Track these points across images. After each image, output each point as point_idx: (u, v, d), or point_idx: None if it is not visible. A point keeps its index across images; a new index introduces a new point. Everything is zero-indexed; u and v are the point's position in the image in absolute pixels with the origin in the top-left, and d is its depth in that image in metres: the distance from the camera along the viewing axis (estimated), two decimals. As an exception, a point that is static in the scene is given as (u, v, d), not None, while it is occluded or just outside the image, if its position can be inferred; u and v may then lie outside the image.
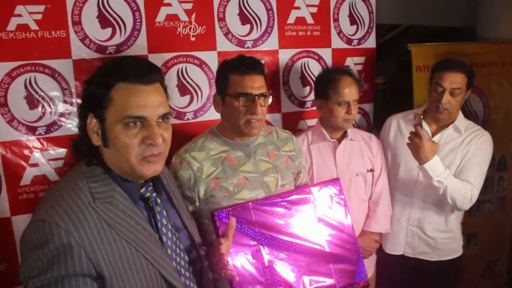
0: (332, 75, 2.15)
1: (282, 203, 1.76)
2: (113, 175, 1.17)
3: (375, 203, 2.25)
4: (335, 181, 1.95)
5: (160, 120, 1.15)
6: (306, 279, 1.70)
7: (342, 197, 1.92)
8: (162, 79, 1.22)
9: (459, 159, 2.21)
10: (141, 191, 1.23)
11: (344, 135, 2.20)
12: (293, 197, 1.80)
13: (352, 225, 1.91)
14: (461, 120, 2.26)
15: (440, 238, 2.31)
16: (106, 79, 1.12)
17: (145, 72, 1.14)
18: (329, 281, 1.75)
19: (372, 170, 2.22)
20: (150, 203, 1.24)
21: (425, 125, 2.25)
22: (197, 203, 1.76)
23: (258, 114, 1.69)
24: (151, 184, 1.27)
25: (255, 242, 1.66)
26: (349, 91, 2.08)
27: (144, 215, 1.21)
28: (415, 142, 2.00)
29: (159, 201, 1.27)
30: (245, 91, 1.69)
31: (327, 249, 1.78)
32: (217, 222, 1.61)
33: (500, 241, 3.43)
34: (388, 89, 5.61)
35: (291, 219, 1.76)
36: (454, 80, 2.11)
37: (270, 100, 1.79)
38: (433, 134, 2.26)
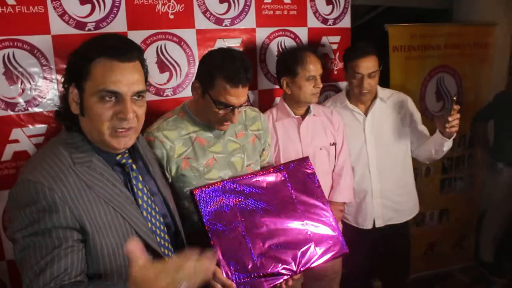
0: (297, 53, 2.23)
1: (257, 182, 1.82)
2: (91, 143, 1.25)
3: (338, 175, 2.37)
4: (305, 159, 2.01)
5: (135, 97, 1.21)
6: (286, 251, 1.75)
7: (312, 170, 1.99)
8: (141, 58, 1.28)
9: (401, 125, 2.45)
10: (117, 158, 1.31)
11: (307, 111, 2.29)
12: (268, 175, 1.86)
13: (325, 197, 1.98)
14: (381, 91, 2.47)
15: (402, 200, 2.51)
16: (88, 53, 1.19)
17: (124, 50, 1.20)
18: (310, 250, 1.79)
19: (334, 144, 2.33)
20: (126, 169, 1.32)
21: (354, 108, 2.45)
22: (170, 180, 1.81)
23: (234, 121, 1.73)
24: (127, 151, 1.34)
25: (235, 220, 1.71)
26: (315, 66, 2.18)
27: (121, 179, 1.30)
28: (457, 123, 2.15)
29: (134, 167, 1.35)
30: (229, 103, 1.67)
31: (304, 223, 1.83)
32: (198, 201, 1.66)
33: (470, 216, 3.58)
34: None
35: (267, 197, 1.80)
36: (369, 65, 2.30)
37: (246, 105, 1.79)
38: (365, 113, 2.45)
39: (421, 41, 3.10)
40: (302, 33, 2.67)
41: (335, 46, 2.79)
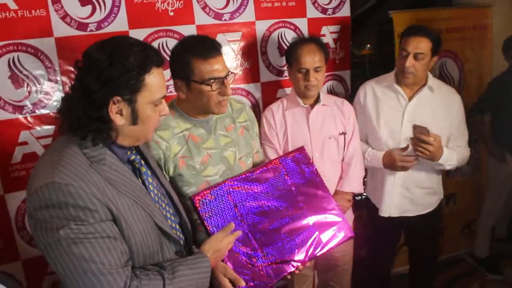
0: (294, 44, 2.24)
1: (256, 179, 1.81)
2: (103, 141, 1.27)
3: (347, 164, 2.34)
4: (299, 149, 2.00)
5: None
6: (291, 242, 1.76)
7: (310, 160, 1.98)
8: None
9: (442, 121, 2.33)
10: (128, 153, 1.37)
11: (317, 100, 2.28)
12: (264, 171, 1.85)
13: (325, 184, 1.96)
14: (432, 80, 2.37)
15: (422, 193, 2.45)
16: (140, 66, 1.21)
17: (161, 59, 1.29)
18: (315, 238, 1.80)
19: (344, 133, 2.30)
20: (136, 165, 1.38)
21: (400, 89, 2.37)
22: (168, 179, 1.81)
23: (228, 93, 1.74)
24: (134, 148, 1.41)
25: (236, 220, 1.71)
26: (308, 59, 2.13)
27: (133, 173, 1.36)
28: (429, 151, 2.17)
29: (143, 162, 1.42)
30: (215, 76, 1.68)
31: (307, 213, 1.84)
32: (198, 206, 1.67)
33: (477, 200, 3.58)
34: (375, 59, 5.67)
35: (266, 192, 1.81)
36: (418, 45, 2.21)
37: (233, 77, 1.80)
38: (410, 99, 2.36)
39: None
40: (302, 24, 2.68)
41: (335, 36, 2.79)
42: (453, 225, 3.53)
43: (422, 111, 2.34)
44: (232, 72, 1.75)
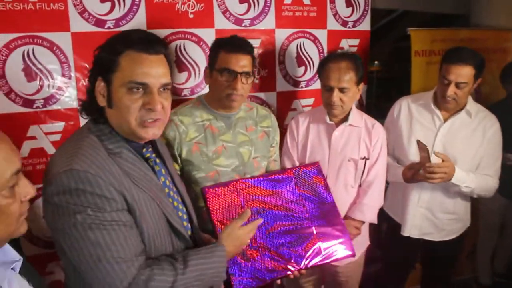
0: (327, 57, 2.15)
1: (266, 182, 1.86)
2: (118, 134, 1.27)
3: (364, 191, 2.18)
4: (314, 164, 2.02)
5: (161, 89, 1.25)
6: (292, 248, 1.77)
7: (321, 177, 1.98)
8: (167, 52, 1.30)
9: (475, 147, 2.24)
10: (143, 151, 1.34)
11: (345, 119, 2.16)
12: (277, 178, 1.89)
13: (333, 200, 1.94)
14: (471, 104, 2.27)
15: (446, 219, 2.35)
16: (116, 46, 1.22)
17: (151, 43, 1.23)
18: (316, 249, 1.80)
19: (366, 158, 2.16)
20: (150, 163, 1.35)
21: (436, 110, 2.28)
22: (179, 162, 1.89)
23: (238, 90, 1.81)
24: (150, 146, 1.38)
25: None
26: (333, 77, 2.02)
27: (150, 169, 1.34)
28: (441, 177, 2.07)
29: (158, 161, 1.39)
30: (229, 67, 1.81)
31: (311, 223, 1.84)
32: (207, 197, 1.72)
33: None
34: (383, 77, 5.62)
35: (275, 198, 1.84)
36: (461, 74, 2.09)
37: (251, 79, 1.89)
38: (445, 120, 2.28)
39: (442, 46, 3.03)
40: (322, 35, 2.65)
41: (354, 49, 2.76)
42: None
43: (456, 134, 2.25)
44: (250, 72, 1.85)
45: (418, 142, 2.07)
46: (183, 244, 1.37)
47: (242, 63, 1.82)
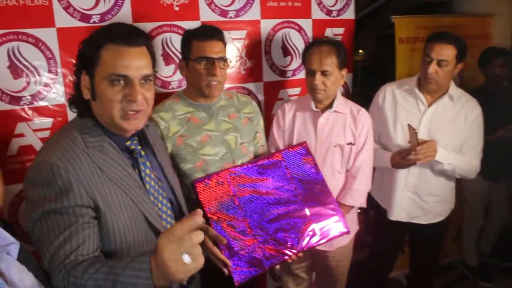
0: (310, 43, 2.20)
1: (255, 168, 1.89)
2: (102, 127, 1.30)
3: (353, 177, 2.21)
4: (302, 144, 2.06)
5: (142, 81, 1.26)
6: (287, 232, 1.80)
7: (310, 156, 2.02)
8: (148, 43, 1.32)
9: (458, 130, 2.30)
10: (127, 143, 1.35)
11: (330, 105, 2.19)
12: (265, 162, 1.92)
13: (324, 179, 1.99)
14: (453, 89, 2.33)
15: (433, 201, 2.41)
16: (96, 40, 1.24)
17: (131, 35, 1.25)
18: (311, 230, 1.84)
19: (351, 144, 2.19)
20: (134, 155, 1.36)
21: (420, 95, 2.33)
22: None
23: (217, 76, 1.86)
24: (136, 138, 1.39)
25: (235, 208, 1.77)
26: (315, 60, 2.07)
27: (130, 163, 1.34)
28: (431, 155, 2.12)
29: (143, 153, 1.40)
30: (206, 55, 1.85)
31: (304, 205, 1.88)
32: (198, 191, 1.74)
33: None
34: (368, 65, 5.66)
35: (265, 183, 1.87)
36: (442, 52, 2.16)
37: (227, 65, 1.93)
38: (429, 105, 2.33)
39: (426, 32, 3.05)
40: (307, 25, 2.66)
41: (339, 38, 2.77)
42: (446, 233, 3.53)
43: (440, 118, 2.30)
44: (226, 58, 1.89)
45: (409, 127, 2.12)
46: None
47: (217, 49, 1.86)
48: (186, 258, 0.97)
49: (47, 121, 2.08)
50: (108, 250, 1.24)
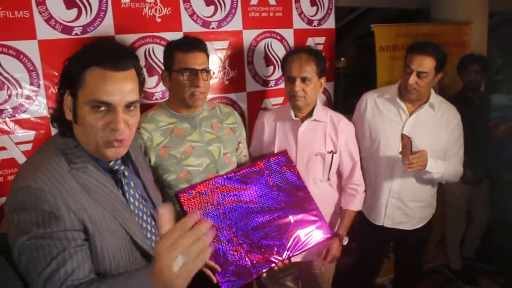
0: (288, 52, 2.23)
1: (238, 179, 1.91)
2: (84, 149, 1.23)
3: (354, 189, 2.32)
4: (283, 152, 2.10)
5: (126, 107, 1.18)
6: (272, 240, 1.83)
7: (292, 164, 2.07)
8: (137, 65, 1.25)
9: (440, 138, 2.34)
10: (110, 164, 1.29)
11: (310, 115, 2.20)
12: (248, 171, 1.95)
13: (305, 186, 2.04)
14: (434, 97, 2.37)
15: (416, 207, 2.45)
16: (82, 60, 1.17)
17: (119, 58, 1.16)
18: (295, 237, 1.88)
19: (332, 152, 2.22)
20: (118, 175, 1.30)
21: (402, 104, 2.37)
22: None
23: (200, 87, 1.87)
24: (119, 158, 1.32)
25: (220, 218, 1.79)
26: (295, 67, 2.09)
27: (114, 184, 1.29)
28: (422, 165, 2.15)
29: (126, 173, 1.34)
30: (188, 66, 1.86)
31: (287, 212, 1.92)
32: (182, 202, 1.76)
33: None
34: (349, 73, 5.75)
35: (249, 192, 1.90)
36: (422, 64, 2.21)
37: (210, 76, 1.93)
38: (410, 113, 2.37)
39: (405, 41, 3.13)
40: (288, 35, 2.70)
41: (320, 47, 2.82)
42: (430, 237, 3.57)
43: (421, 127, 2.34)
44: (209, 70, 1.91)
45: (403, 136, 2.15)
46: (145, 260, 1.30)
47: (200, 60, 1.87)
48: (178, 262, 0.93)
49: (30, 134, 2.06)
50: (97, 272, 1.18)
